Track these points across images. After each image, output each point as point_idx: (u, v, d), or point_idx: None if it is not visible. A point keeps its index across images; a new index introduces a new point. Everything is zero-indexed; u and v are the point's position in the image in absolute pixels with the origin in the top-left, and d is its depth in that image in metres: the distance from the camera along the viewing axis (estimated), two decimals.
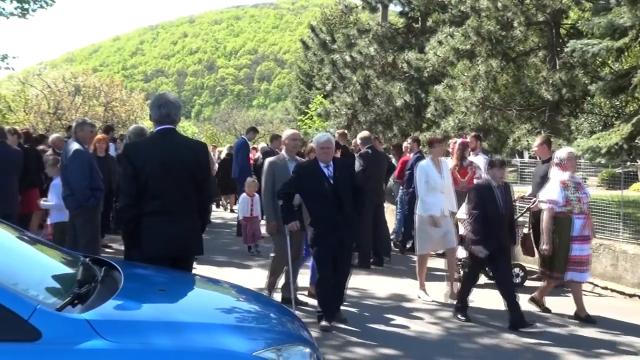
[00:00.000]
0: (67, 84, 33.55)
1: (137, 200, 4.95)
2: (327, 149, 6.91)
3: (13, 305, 2.87)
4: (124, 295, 3.48)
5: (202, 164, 5.22)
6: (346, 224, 6.79)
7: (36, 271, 3.72)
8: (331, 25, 31.88)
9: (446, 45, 16.26)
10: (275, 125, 56.34)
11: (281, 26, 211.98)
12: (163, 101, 5.19)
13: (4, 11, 18.03)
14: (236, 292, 4.45)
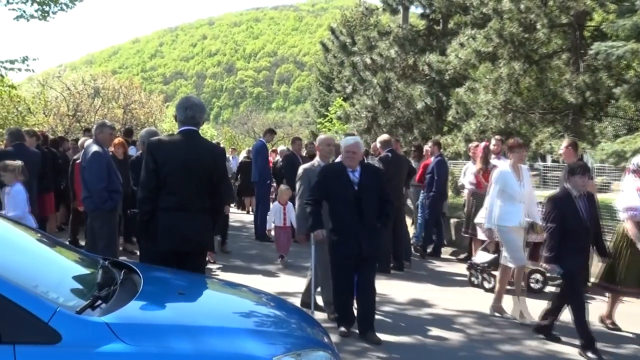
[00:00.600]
0: (86, 86, 33.79)
1: (155, 195, 5.24)
2: (352, 154, 6.67)
3: (33, 307, 2.88)
4: (144, 298, 3.50)
5: (219, 166, 5.54)
6: (367, 233, 6.49)
7: (56, 273, 3.76)
8: (351, 27, 31.90)
9: (468, 47, 16.20)
10: (295, 128, 56.40)
11: (301, 28, 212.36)
12: (189, 103, 5.49)
13: (25, 14, 18.20)
14: (255, 296, 4.46)
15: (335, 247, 6.61)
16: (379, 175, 7.08)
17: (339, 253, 6.59)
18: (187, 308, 3.68)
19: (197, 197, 5.30)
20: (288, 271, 10.06)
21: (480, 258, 9.21)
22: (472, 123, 15.54)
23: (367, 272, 6.67)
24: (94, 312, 3.13)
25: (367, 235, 6.49)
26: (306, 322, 4.09)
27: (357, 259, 6.53)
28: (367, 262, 6.62)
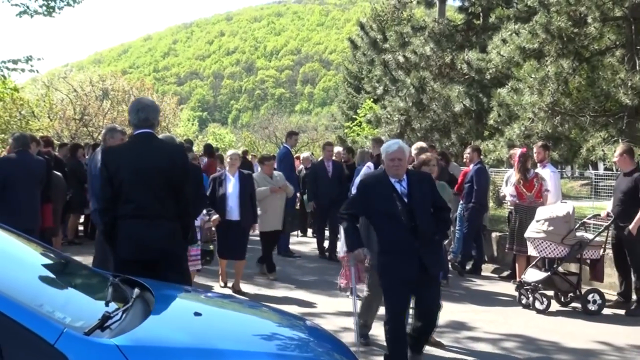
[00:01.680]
0: (94, 87, 34.14)
1: (111, 204, 5.53)
2: (398, 161, 6.13)
3: (38, 328, 2.91)
4: (157, 318, 3.53)
5: (178, 169, 5.63)
6: (427, 249, 6.03)
7: (62, 291, 3.80)
8: (382, 22, 31.90)
9: (511, 43, 16.10)
10: (320, 133, 56.45)
11: (327, 23, 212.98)
12: (141, 105, 5.72)
13: (29, 9, 18.46)
14: (278, 317, 4.47)
15: (390, 270, 6.10)
16: (430, 181, 6.54)
17: (396, 276, 6.05)
18: (204, 330, 3.69)
19: (156, 202, 5.48)
20: (314, 289, 10.05)
21: (530, 276, 9.13)
22: (515, 127, 15.43)
23: (431, 292, 6.26)
24: (104, 334, 3.15)
25: (427, 251, 6.04)
26: (334, 346, 4.09)
27: (417, 281, 6.05)
28: (430, 281, 6.19)
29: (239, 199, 9.79)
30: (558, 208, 9.16)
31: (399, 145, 6.28)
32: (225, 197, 9.78)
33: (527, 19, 16.16)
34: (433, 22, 20.85)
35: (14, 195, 8.54)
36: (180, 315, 3.90)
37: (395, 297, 6.13)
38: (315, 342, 4.03)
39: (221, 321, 4.08)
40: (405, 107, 20.23)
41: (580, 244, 8.83)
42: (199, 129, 66.85)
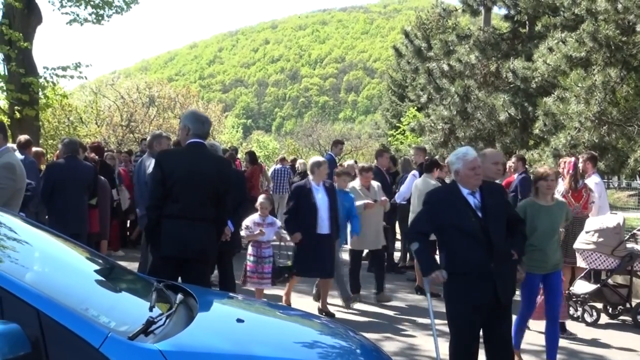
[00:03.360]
0: (141, 94, 34.53)
1: (160, 202, 5.96)
2: (478, 169, 5.55)
3: (83, 332, 2.94)
4: (200, 324, 3.54)
5: (222, 178, 6.14)
6: (502, 272, 5.39)
7: (107, 296, 3.84)
8: (427, 31, 31.78)
9: (557, 52, 15.94)
10: (364, 141, 56.49)
11: (371, 32, 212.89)
12: (205, 118, 6.33)
13: (78, 17, 18.81)
14: (319, 325, 4.46)
15: (460, 295, 5.45)
16: (503, 193, 6.02)
17: (467, 301, 5.41)
18: (246, 336, 3.69)
19: (200, 206, 5.94)
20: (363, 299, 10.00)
21: (579, 288, 8.99)
22: (561, 136, 15.26)
23: (504, 322, 5.60)
24: (147, 339, 3.17)
25: (501, 274, 5.40)
26: (375, 354, 4.07)
27: (489, 308, 5.43)
28: (504, 310, 5.55)
29: (329, 211, 8.82)
30: (608, 219, 9.02)
31: (474, 152, 5.69)
32: (316, 209, 8.72)
33: (574, 27, 15.99)
34: (478, 31, 20.75)
35: (62, 200, 8.67)
36: (223, 321, 3.93)
37: (466, 326, 5.45)
38: (356, 351, 4.02)
39: (263, 328, 4.08)
40: (449, 115, 20.13)
41: (631, 255, 8.69)
42: (243, 136, 67.36)
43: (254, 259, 8.54)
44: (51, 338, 2.89)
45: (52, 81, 18.06)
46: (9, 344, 2.70)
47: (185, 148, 6.27)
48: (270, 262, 8.55)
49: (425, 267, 5.56)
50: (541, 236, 6.51)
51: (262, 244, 8.54)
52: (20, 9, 16.69)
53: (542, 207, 6.60)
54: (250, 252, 8.59)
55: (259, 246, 8.54)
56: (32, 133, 13.54)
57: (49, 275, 3.76)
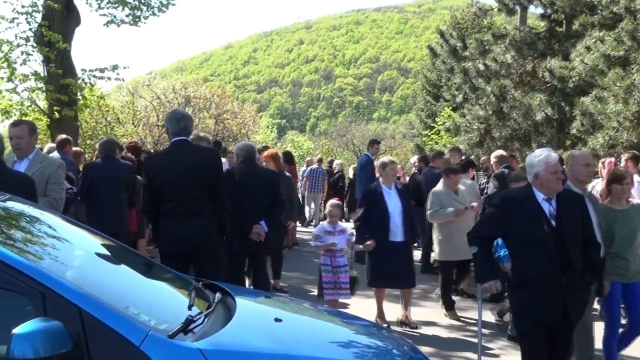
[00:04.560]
0: (176, 94, 34.70)
1: (152, 206, 6.31)
2: (560, 174, 5.16)
3: (124, 330, 2.97)
4: (238, 323, 3.56)
5: (209, 169, 6.31)
6: (572, 287, 4.99)
7: (147, 294, 3.87)
8: (462, 30, 31.59)
9: (595, 51, 15.77)
10: (398, 141, 56.36)
11: (406, 31, 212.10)
12: (180, 115, 6.50)
13: (115, 19, 19.02)
14: (355, 325, 4.46)
15: (526, 309, 5.11)
16: (583, 205, 5.39)
17: (534, 317, 5.06)
18: (284, 336, 3.70)
19: (192, 201, 6.16)
20: (390, 298, 9.99)
21: None
22: (599, 136, 15.08)
23: (565, 336, 5.21)
24: (187, 337, 3.19)
25: (573, 290, 5.01)
26: (411, 354, 4.06)
27: (555, 325, 5.09)
28: (569, 329, 5.18)
29: (402, 216, 8.22)
30: None
31: (556, 155, 5.25)
32: (387, 215, 8.15)
33: (612, 26, 15.82)
34: (514, 30, 20.57)
35: (99, 199, 8.80)
36: (261, 320, 3.94)
37: (534, 344, 5.10)
38: (392, 351, 4.01)
39: (301, 327, 4.09)
40: (485, 115, 20.00)
41: None
42: (277, 136, 67.46)
43: (330, 269, 8.05)
44: (92, 336, 2.92)
45: (90, 82, 18.26)
46: (52, 341, 2.73)
47: (168, 148, 6.62)
48: (346, 271, 8.10)
49: (481, 274, 5.30)
50: (621, 243, 6.05)
51: (335, 252, 8.09)
52: (60, 11, 16.89)
53: (618, 212, 6.11)
54: (324, 262, 8.12)
55: (333, 255, 8.10)
56: (71, 133, 13.70)
57: (90, 273, 3.80)
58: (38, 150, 6.75)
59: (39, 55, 17.22)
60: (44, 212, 4.23)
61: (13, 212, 3.96)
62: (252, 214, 7.67)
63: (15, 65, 17.24)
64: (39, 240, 3.79)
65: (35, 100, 17.78)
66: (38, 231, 3.94)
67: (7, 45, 17.10)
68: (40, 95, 17.70)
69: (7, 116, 17.23)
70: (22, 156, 6.49)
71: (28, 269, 3.01)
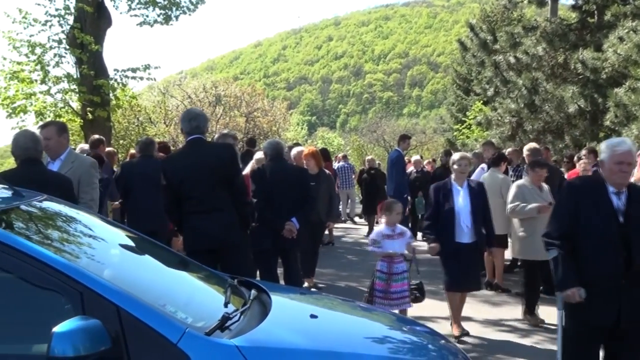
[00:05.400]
0: (207, 93, 34.89)
1: (173, 206, 6.39)
2: (627, 166, 4.63)
3: (162, 327, 2.98)
4: (274, 320, 3.56)
5: (225, 164, 6.34)
6: (630, 290, 4.53)
7: (184, 292, 3.90)
8: (492, 23, 31.44)
9: (628, 41, 15.59)
10: (429, 136, 56.06)
11: (435, 26, 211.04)
12: (193, 115, 6.51)
13: (147, 19, 19.17)
14: (390, 320, 4.46)
15: (578, 310, 4.68)
16: None
17: (586, 320, 4.66)
18: (320, 332, 3.70)
19: (211, 197, 6.21)
20: (437, 296, 9.90)
21: None
22: (634, 127, 14.91)
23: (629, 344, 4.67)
24: (224, 334, 3.20)
25: (631, 294, 4.54)
26: (447, 349, 4.04)
27: (610, 331, 4.66)
28: (626, 336, 4.64)
29: (472, 216, 7.63)
30: None
31: (629, 145, 4.70)
32: (453, 214, 7.59)
33: None
34: (545, 22, 20.39)
35: (133, 198, 8.95)
36: (297, 317, 3.94)
37: (585, 348, 4.73)
38: (428, 345, 4.00)
39: (336, 323, 4.10)
40: (516, 108, 19.87)
41: None
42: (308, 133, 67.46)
43: (385, 277, 7.36)
44: (130, 334, 2.93)
45: (122, 83, 18.43)
46: (91, 340, 2.75)
47: (183, 147, 6.76)
48: (405, 278, 7.41)
49: (562, 280, 4.70)
50: None
51: (393, 258, 7.40)
52: (91, 13, 17.06)
53: None
54: (380, 268, 7.42)
55: (391, 261, 7.41)
56: (104, 134, 13.83)
57: (127, 271, 3.83)
58: (70, 150, 6.75)
59: (72, 57, 17.41)
60: (80, 212, 4.27)
61: (50, 212, 4.00)
62: (283, 212, 7.71)
63: (49, 68, 17.45)
64: (76, 239, 3.83)
65: (69, 102, 17.97)
66: (75, 230, 3.98)
67: (41, 48, 17.30)
68: (73, 97, 17.89)
69: (41, 118, 17.42)
70: (54, 157, 6.53)
71: (66, 268, 3.03)
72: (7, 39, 17.17)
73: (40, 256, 3.04)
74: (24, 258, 3.01)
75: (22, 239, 3.17)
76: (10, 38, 17.17)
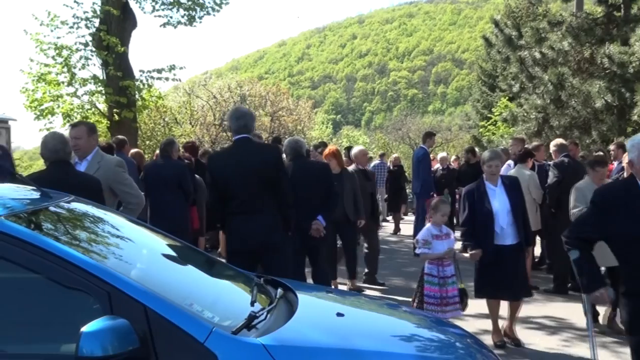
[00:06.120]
0: (232, 93, 34.98)
1: (218, 204, 6.38)
2: None
3: (189, 327, 2.99)
4: (301, 319, 3.57)
5: (270, 166, 6.30)
6: None
7: (210, 291, 3.91)
8: (517, 19, 31.15)
9: None
10: (454, 133, 55.81)
11: (459, 22, 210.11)
12: (240, 114, 6.49)
13: (171, 20, 19.29)
14: (417, 318, 4.44)
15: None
16: None
17: None
18: (346, 330, 3.69)
19: (255, 198, 6.19)
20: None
21: None
22: None
23: None
24: (250, 333, 3.21)
25: None
26: (476, 347, 4.01)
27: None
28: None
29: (511, 216, 7.16)
30: None
31: None
32: (492, 216, 7.10)
33: None
34: (570, 16, 20.19)
35: (155, 199, 9.06)
36: (323, 315, 3.95)
37: None
38: (456, 343, 3.97)
39: (363, 322, 4.08)
40: (542, 104, 19.69)
41: None
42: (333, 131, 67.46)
43: (437, 280, 6.99)
44: (158, 333, 2.95)
45: (148, 83, 18.56)
46: (119, 339, 2.77)
47: (230, 146, 6.79)
48: (454, 282, 7.05)
49: (588, 282, 4.49)
50: None
51: (443, 260, 7.06)
52: (117, 15, 17.20)
53: None
54: (429, 271, 7.05)
55: (441, 264, 7.06)
56: (130, 135, 13.96)
57: (154, 271, 3.86)
58: (97, 151, 6.74)
59: (98, 59, 17.58)
60: (107, 212, 4.31)
61: (78, 213, 4.04)
62: (308, 210, 7.64)
63: (75, 70, 17.62)
64: (104, 240, 3.87)
65: (95, 103, 18.13)
66: (102, 231, 4.02)
67: (67, 51, 17.47)
68: (99, 98, 18.05)
69: (68, 120, 17.61)
70: (82, 157, 6.54)
71: (94, 268, 3.06)
72: (35, 41, 17.36)
73: (69, 257, 3.07)
74: (52, 259, 3.03)
75: (50, 240, 3.20)
76: (38, 40, 17.36)
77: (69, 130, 7.07)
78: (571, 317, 8.31)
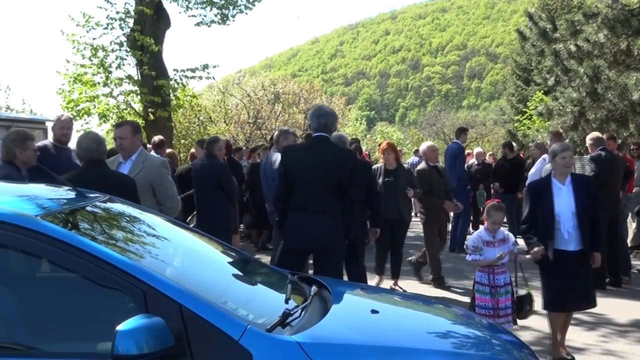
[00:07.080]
0: (266, 91, 35.07)
1: (285, 196, 6.21)
2: None
3: (223, 325, 3.00)
4: (335, 316, 3.56)
5: (345, 169, 6.18)
6: None
7: (244, 289, 3.92)
8: (551, 11, 30.86)
9: None
10: (489, 128, 55.45)
11: (493, 16, 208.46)
12: (322, 112, 6.42)
13: (205, 19, 19.40)
14: (453, 314, 4.40)
15: None
16: None
17: None
18: (381, 327, 3.68)
19: (322, 198, 6.06)
20: None
21: None
22: None
23: None
24: (285, 331, 3.20)
25: None
26: (513, 344, 3.98)
27: None
28: None
29: (576, 219, 6.44)
30: None
31: None
32: (552, 216, 6.45)
33: None
34: (606, 8, 19.90)
35: (199, 197, 9.16)
36: (358, 312, 3.93)
37: None
38: (492, 340, 3.93)
39: (397, 319, 4.06)
40: (578, 97, 19.45)
41: None
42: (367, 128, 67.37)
43: (488, 289, 6.45)
44: (193, 331, 2.96)
45: (182, 83, 18.68)
46: (154, 337, 2.78)
47: (307, 142, 6.70)
48: (508, 292, 6.48)
49: None
50: None
51: (494, 268, 6.48)
52: (150, 15, 17.33)
53: None
54: (479, 279, 6.54)
55: (492, 271, 6.49)
56: (165, 134, 14.05)
57: (188, 269, 3.89)
58: (142, 150, 6.69)
59: (133, 59, 17.74)
60: (143, 212, 4.34)
61: (113, 212, 4.07)
62: None
63: (110, 70, 17.79)
64: (139, 239, 3.90)
65: (131, 103, 18.29)
66: (138, 230, 4.05)
67: (103, 51, 17.65)
68: (135, 98, 18.22)
69: (104, 120, 17.79)
70: (127, 156, 6.52)
71: (130, 267, 3.08)
72: (72, 42, 17.56)
73: (105, 256, 3.09)
74: (89, 258, 3.06)
75: (87, 239, 3.24)
76: (75, 41, 17.57)
77: (113, 130, 7.09)
78: (609, 313, 8.20)
